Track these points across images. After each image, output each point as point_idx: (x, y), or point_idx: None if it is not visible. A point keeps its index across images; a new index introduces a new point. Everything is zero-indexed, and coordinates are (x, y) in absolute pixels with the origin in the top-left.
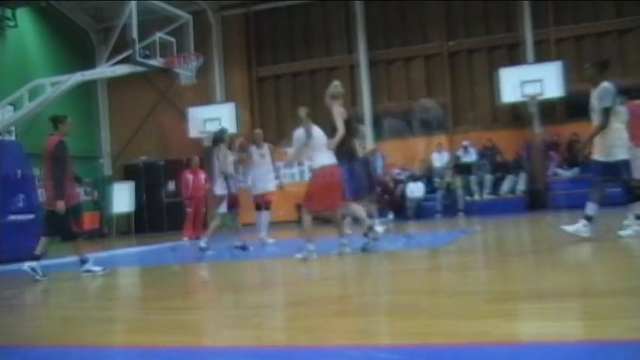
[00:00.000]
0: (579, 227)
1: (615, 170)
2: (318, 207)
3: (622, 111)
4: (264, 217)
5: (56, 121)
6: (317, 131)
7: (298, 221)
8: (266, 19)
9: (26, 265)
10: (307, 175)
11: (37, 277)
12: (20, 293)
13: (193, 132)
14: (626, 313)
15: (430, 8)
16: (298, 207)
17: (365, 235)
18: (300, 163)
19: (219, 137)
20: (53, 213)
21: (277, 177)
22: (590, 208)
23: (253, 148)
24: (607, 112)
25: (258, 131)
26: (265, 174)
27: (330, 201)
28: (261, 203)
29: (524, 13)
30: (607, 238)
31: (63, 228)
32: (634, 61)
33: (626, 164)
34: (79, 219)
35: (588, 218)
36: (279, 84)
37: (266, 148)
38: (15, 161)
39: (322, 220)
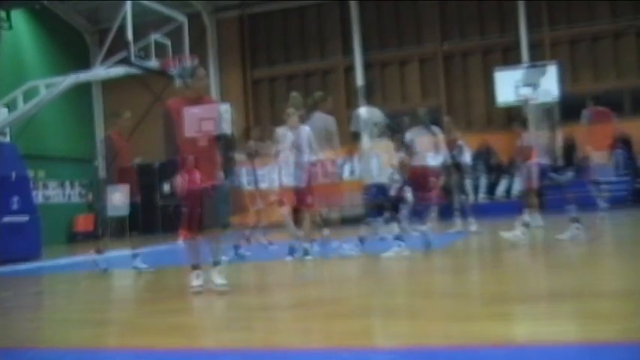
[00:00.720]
0: (573, 231)
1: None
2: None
3: (583, 115)
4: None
5: (113, 116)
6: (316, 120)
7: (295, 223)
8: (261, 21)
9: (134, 265)
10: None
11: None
12: (16, 295)
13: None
14: (621, 315)
15: (425, 10)
16: (295, 209)
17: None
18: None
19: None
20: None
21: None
22: (571, 210)
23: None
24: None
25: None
26: (272, 173)
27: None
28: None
29: (519, 15)
30: (602, 240)
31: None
32: (629, 63)
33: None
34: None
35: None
36: (273, 86)
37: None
38: (10, 163)
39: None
